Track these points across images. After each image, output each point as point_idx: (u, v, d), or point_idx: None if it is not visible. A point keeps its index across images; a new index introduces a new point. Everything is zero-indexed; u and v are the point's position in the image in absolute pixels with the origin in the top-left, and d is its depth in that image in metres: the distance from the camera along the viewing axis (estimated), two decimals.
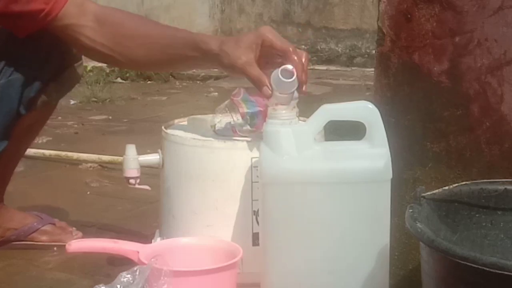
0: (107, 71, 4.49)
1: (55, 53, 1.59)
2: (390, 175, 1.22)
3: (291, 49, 1.31)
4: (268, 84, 1.28)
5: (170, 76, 4.68)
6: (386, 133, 1.24)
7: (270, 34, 1.33)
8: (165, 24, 1.56)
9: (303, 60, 1.30)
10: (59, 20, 1.45)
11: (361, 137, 1.26)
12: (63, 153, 2.62)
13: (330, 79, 4.58)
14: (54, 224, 1.79)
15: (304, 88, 1.28)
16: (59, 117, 3.42)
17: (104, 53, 1.47)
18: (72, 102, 3.79)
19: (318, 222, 1.21)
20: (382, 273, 1.24)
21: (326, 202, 1.21)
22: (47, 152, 2.64)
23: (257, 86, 1.31)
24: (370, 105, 1.25)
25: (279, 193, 1.22)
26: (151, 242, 1.45)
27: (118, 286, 1.17)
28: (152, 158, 1.51)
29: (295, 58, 1.29)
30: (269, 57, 1.35)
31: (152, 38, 1.45)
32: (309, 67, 1.33)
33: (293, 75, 1.26)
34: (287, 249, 1.23)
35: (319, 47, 5.27)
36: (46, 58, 1.57)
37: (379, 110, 1.24)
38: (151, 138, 2.17)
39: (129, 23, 1.48)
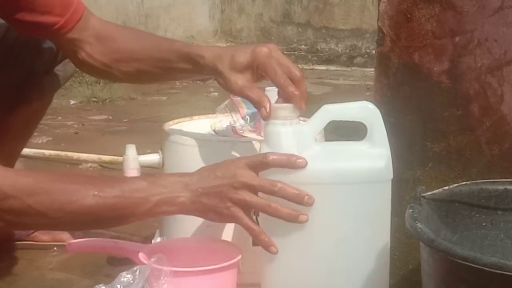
0: None
1: (48, 46, 1.58)
2: (390, 175, 1.22)
3: (283, 82, 1.25)
4: (267, 106, 1.24)
5: None
6: (386, 133, 1.24)
7: (265, 60, 1.27)
8: (161, 36, 1.54)
9: (300, 83, 1.26)
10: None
11: (362, 137, 1.26)
12: (63, 153, 2.62)
13: (330, 79, 4.58)
14: None
15: (303, 106, 1.25)
16: (59, 117, 3.42)
17: (100, 68, 1.45)
18: (72, 102, 3.79)
19: (318, 222, 1.21)
20: (382, 273, 1.24)
21: (326, 202, 1.21)
22: (47, 152, 2.64)
23: (256, 107, 1.28)
24: (371, 105, 1.25)
25: None
26: (151, 242, 1.45)
27: (118, 286, 1.17)
28: (152, 158, 1.51)
29: (291, 91, 1.24)
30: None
31: (145, 52, 1.43)
32: (309, 67, 1.32)
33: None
34: (287, 249, 1.23)
35: (319, 47, 5.27)
36: (39, 51, 1.57)
37: (379, 110, 1.24)
38: (151, 138, 2.17)
39: (123, 38, 1.46)
